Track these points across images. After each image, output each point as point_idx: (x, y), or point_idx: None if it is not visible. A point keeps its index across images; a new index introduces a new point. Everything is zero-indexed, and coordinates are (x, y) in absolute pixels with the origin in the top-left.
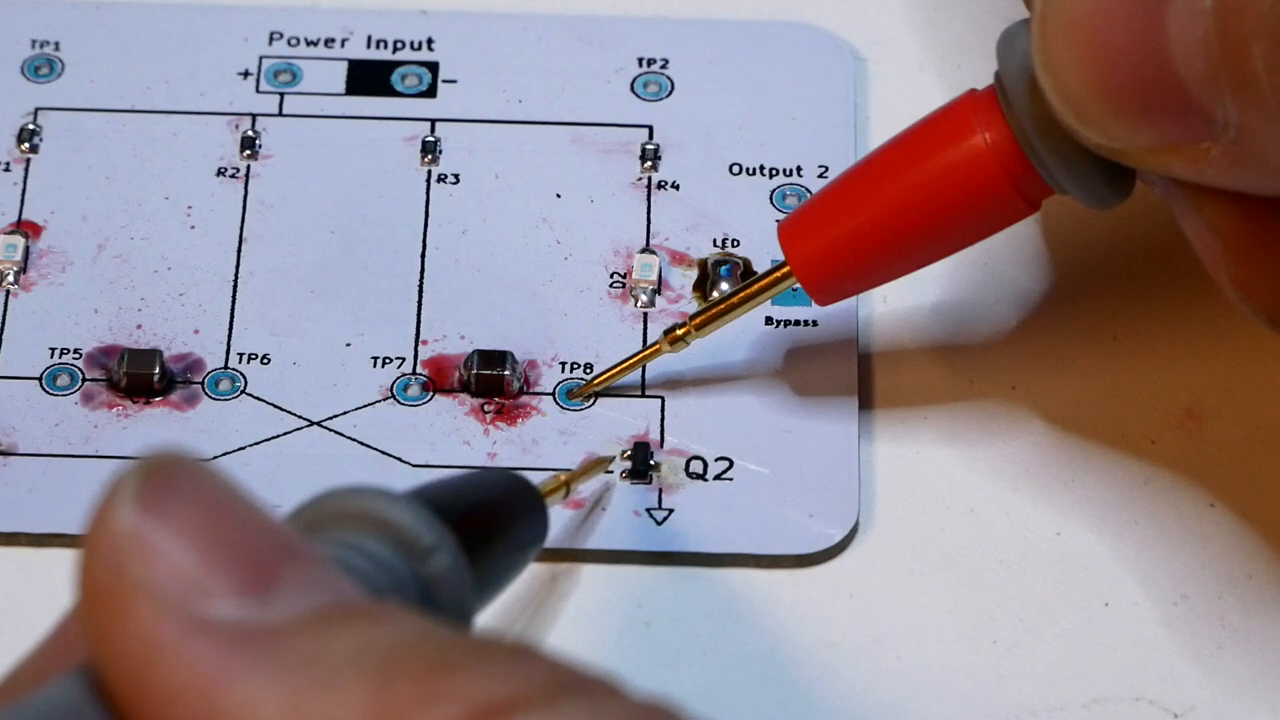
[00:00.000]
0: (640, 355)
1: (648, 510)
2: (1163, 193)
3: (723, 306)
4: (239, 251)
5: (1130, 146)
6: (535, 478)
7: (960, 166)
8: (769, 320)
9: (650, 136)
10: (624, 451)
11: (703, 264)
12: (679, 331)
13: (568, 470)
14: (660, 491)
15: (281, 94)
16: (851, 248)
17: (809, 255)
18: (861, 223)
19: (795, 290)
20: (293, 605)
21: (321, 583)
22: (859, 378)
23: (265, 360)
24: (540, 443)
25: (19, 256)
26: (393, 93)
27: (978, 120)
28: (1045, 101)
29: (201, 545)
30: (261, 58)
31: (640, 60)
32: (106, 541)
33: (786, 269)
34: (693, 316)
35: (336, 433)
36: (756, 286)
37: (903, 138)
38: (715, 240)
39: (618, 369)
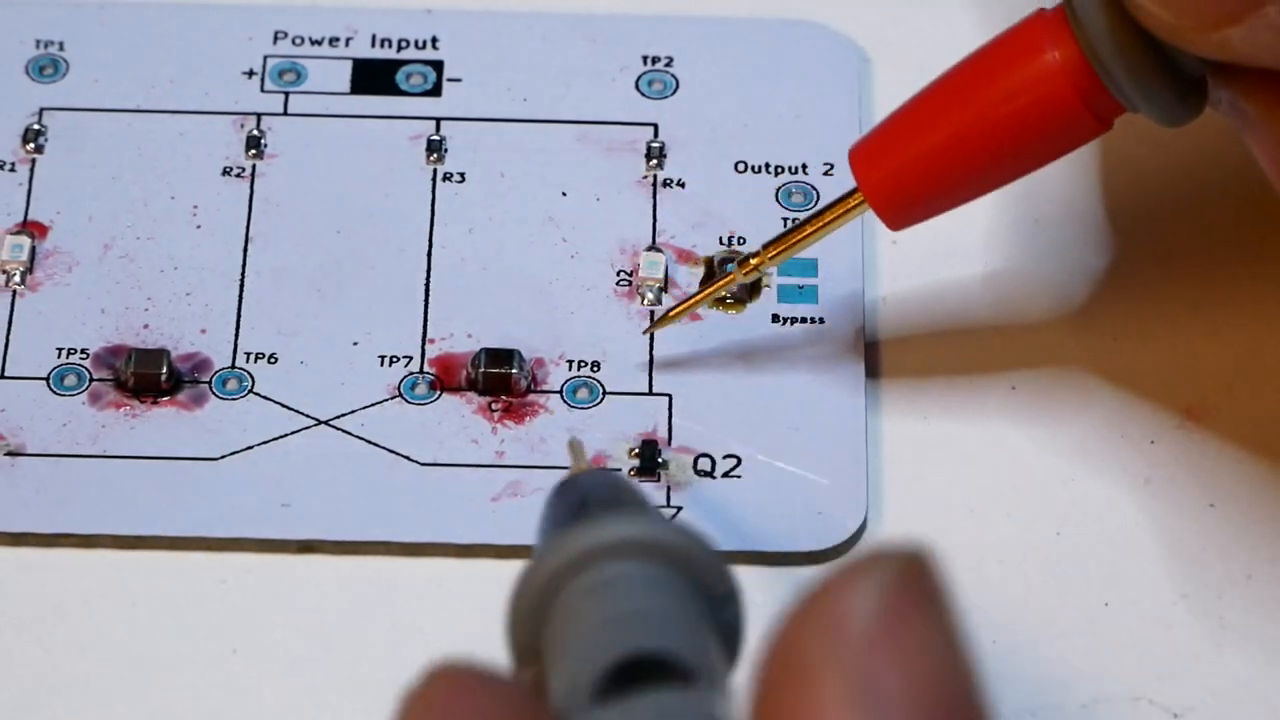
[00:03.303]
0: (716, 285)
1: (656, 508)
2: (1229, 111)
3: (796, 236)
4: (245, 251)
5: (1192, 18)
6: (544, 476)
7: (1031, 85)
8: (775, 318)
9: (655, 134)
10: (632, 449)
11: (709, 261)
12: (752, 261)
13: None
14: (669, 489)
15: (286, 93)
16: (923, 170)
17: (880, 179)
18: (932, 145)
19: (801, 289)
20: None
21: None
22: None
23: (272, 359)
24: (548, 441)
25: (25, 257)
26: (398, 92)
27: (1047, 39)
28: (1114, 15)
29: (920, 684)
30: (266, 57)
31: (645, 58)
32: (837, 622)
33: (858, 194)
34: (765, 245)
35: (344, 431)
36: (830, 214)
37: (971, 59)
38: (721, 238)
39: (691, 301)
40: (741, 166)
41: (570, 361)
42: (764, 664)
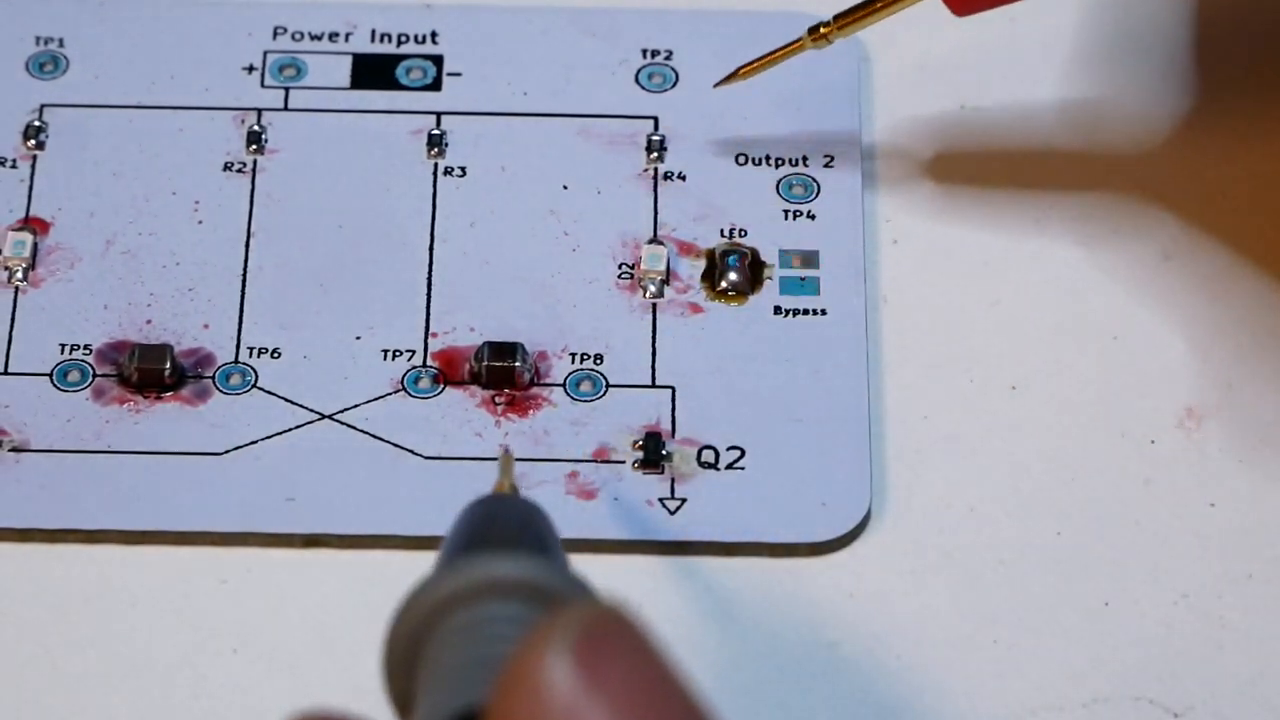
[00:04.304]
0: (785, 49)
1: (660, 500)
2: None
3: (863, 10)
4: (247, 246)
5: None
6: (548, 469)
7: None
8: (778, 310)
9: (656, 128)
10: (636, 441)
11: (710, 254)
12: (823, 30)
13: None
14: (673, 481)
15: (287, 89)
16: None
17: None
18: None
19: (803, 280)
20: None
21: None
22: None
23: (275, 354)
24: (551, 433)
25: (27, 253)
26: (398, 86)
27: None
28: None
29: None
30: (266, 53)
31: (644, 52)
32: (536, 694)
33: None
34: (836, 17)
35: (348, 426)
36: None
37: None
38: (723, 230)
39: (764, 60)
40: (742, 159)
41: (573, 354)
42: None
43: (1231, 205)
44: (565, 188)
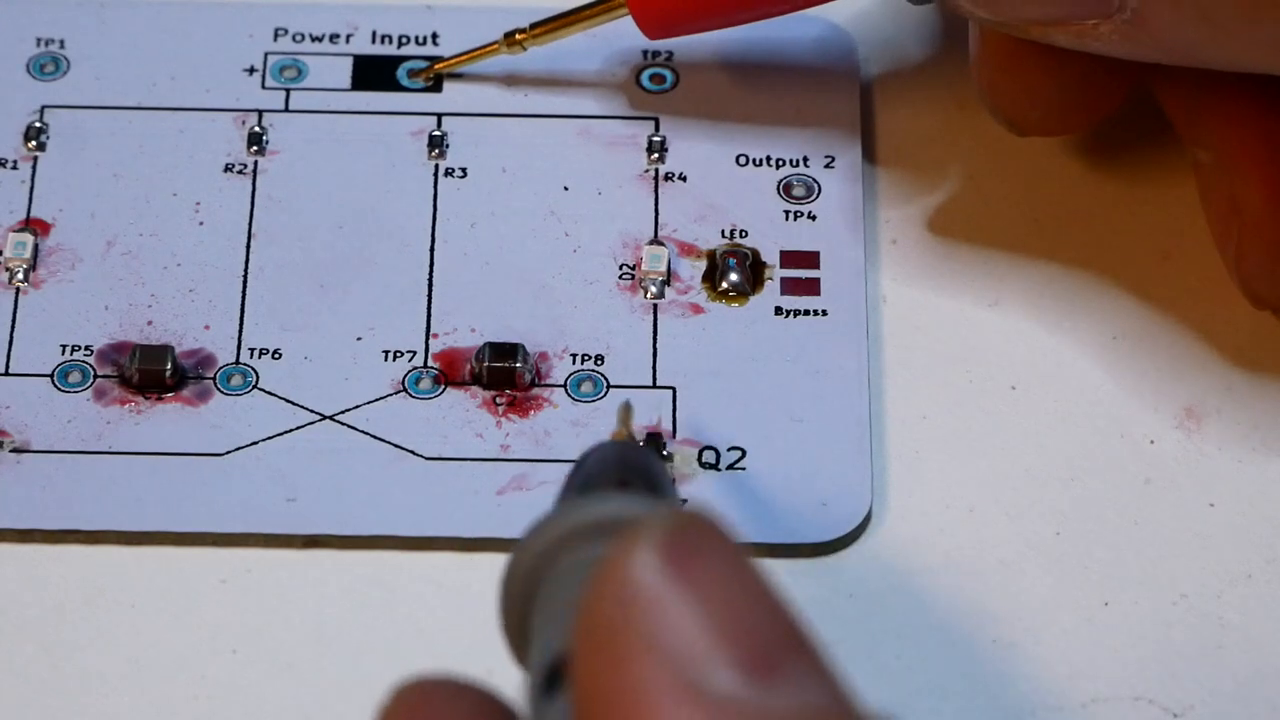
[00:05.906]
0: (479, 50)
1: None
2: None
3: (558, 22)
4: (248, 247)
5: (1016, 19)
6: (549, 469)
7: None
8: (779, 310)
9: (656, 129)
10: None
11: (711, 255)
12: (518, 36)
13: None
14: (673, 482)
15: (288, 90)
16: None
17: None
18: None
19: (804, 281)
20: (792, 697)
21: (823, 682)
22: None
23: (276, 355)
24: (553, 434)
25: (28, 254)
26: (398, 87)
27: None
28: None
29: (716, 617)
30: (267, 54)
31: (645, 53)
32: (623, 587)
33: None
34: (532, 26)
35: (349, 426)
36: (589, 11)
37: None
38: (724, 231)
39: (458, 59)
40: (743, 160)
41: (574, 355)
42: (574, 646)
43: None
44: (566, 189)
